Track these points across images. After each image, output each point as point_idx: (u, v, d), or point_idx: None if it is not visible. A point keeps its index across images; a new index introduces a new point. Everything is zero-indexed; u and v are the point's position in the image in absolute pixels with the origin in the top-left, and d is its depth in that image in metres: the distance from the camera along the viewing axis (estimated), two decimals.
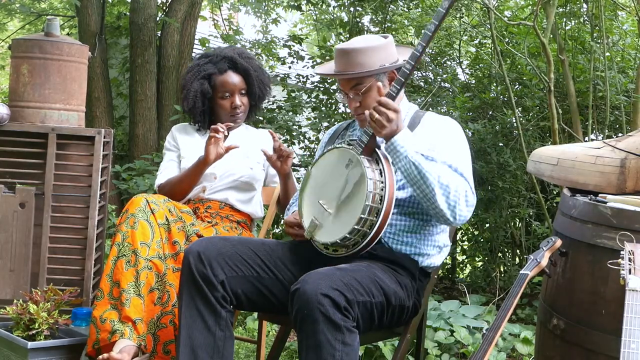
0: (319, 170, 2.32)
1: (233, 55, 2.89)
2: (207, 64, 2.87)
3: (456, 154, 2.26)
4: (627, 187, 2.23)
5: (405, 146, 2.13)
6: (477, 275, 5.16)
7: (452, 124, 2.37)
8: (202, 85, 2.84)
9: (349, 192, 2.18)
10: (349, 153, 2.22)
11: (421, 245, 2.29)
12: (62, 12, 7.44)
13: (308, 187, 2.33)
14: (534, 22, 3.94)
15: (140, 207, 2.53)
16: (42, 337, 2.48)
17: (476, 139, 4.82)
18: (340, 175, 2.21)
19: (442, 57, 5.79)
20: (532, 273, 2.08)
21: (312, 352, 1.96)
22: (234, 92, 2.85)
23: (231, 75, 2.86)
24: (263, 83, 2.93)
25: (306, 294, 1.95)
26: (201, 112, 2.87)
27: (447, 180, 2.13)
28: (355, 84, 2.29)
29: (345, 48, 2.29)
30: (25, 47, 2.98)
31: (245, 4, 6.92)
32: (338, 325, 1.95)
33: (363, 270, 2.11)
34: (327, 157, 2.31)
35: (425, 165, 2.12)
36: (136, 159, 5.42)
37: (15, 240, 2.88)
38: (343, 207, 2.19)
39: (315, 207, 2.26)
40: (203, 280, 2.18)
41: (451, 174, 2.17)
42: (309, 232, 2.24)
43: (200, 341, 2.18)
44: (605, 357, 1.98)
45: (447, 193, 2.13)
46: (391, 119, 2.11)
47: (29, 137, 2.93)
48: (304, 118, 6.12)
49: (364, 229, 2.12)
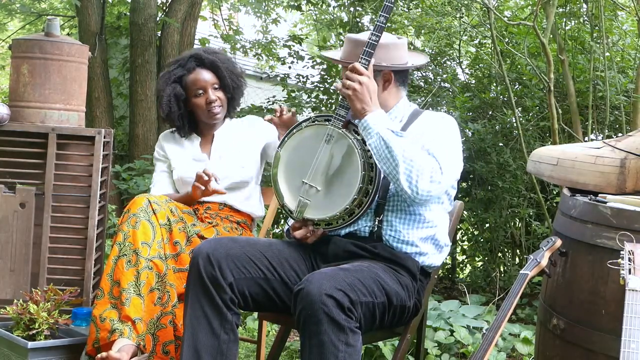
0: (289, 151, 2.34)
1: (198, 52, 2.88)
2: (177, 69, 2.85)
3: (439, 142, 2.24)
4: (627, 187, 2.23)
5: (377, 123, 2.16)
6: (477, 275, 5.16)
7: (447, 120, 2.36)
8: (174, 89, 2.81)
9: (337, 166, 2.23)
10: (326, 129, 2.26)
11: (422, 244, 2.29)
12: (62, 12, 7.43)
13: (281, 170, 2.34)
14: (534, 22, 3.94)
15: (142, 207, 2.54)
16: (42, 337, 2.48)
17: (476, 139, 4.82)
18: (322, 152, 2.25)
19: (442, 57, 5.79)
20: (532, 273, 2.08)
21: (315, 353, 1.96)
22: (207, 88, 2.82)
23: (200, 72, 2.83)
24: (234, 74, 2.90)
25: (310, 294, 1.95)
26: (178, 115, 2.84)
27: (411, 155, 2.12)
28: None
29: (353, 37, 2.35)
30: (26, 47, 2.98)
31: (245, 4, 6.92)
32: (341, 326, 1.95)
33: (365, 271, 2.12)
34: (297, 137, 2.33)
35: (393, 140, 2.14)
36: (136, 159, 5.41)
37: (15, 240, 2.88)
38: (335, 181, 2.23)
39: (297, 187, 2.29)
40: (211, 282, 2.18)
41: (420, 151, 2.16)
42: (299, 213, 2.27)
43: (205, 343, 2.17)
44: (605, 357, 1.98)
45: (409, 167, 2.11)
46: (362, 83, 2.16)
47: (29, 137, 2.93)
48: (304, 118, 6.11)
49: (360, 197, 2.18)
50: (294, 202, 2.29)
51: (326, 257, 2.30)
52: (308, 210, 2.26)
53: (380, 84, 2.32)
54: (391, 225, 2.27)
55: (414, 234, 2.28)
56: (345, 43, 2.37)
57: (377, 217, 2.26)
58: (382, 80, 2.33)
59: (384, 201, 2.26)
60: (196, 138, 2.91)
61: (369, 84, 2.19)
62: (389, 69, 2.32)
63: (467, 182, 5.15)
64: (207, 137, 2.92)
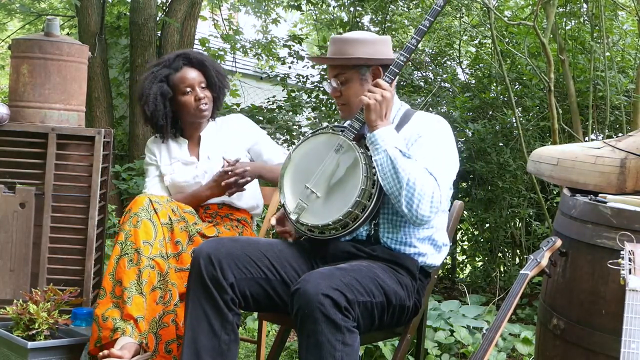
0: (301, 154, 2.35)
1: (184, 52, 2.89)
2: (162, 69, 2.83)
3: (435, 155, 2.23)
4: (627, 187, 2.22)
5: (385, 140, 2.16)
6: (477, 275, 5.16)
7: (440, 124, 2.34)
8: (161, 87, 2.79)
9: (340, 176, 2.22)
10: (338, 138, 2.26)
11: (420, 245, 2.29)
12: (62, 12, 7.43)
13: (289, 170, 2.35)
14: (534, 22, 3.94)
15: (143, 206, 2.54)
16: (42, 337, 2.48)
17: (476, 139, 4.82)
18: (329, 160, 2.25)
19: (442, 57, 5.80)
20: (532, 273, 2.08)
21: (312, 352, 1.96)
22: (194, 86, 2.81)
23: (188, 71, 2.82)
24: (220, 74, 2.90)
25: (307, 293, 1.95)
26: (163, 115, 2.81)
27: (415, 178, 2.12)
28: (338, 73, 2.32)
29: (337, 37, 2.37)
30: (25, 47, 2.98)
31: (245, 4, 6.92)
32: (338, 326, 1.95)
33: (363, 270, 2.12)
34: (312, 142, 2.34)
35: (399, 160, 2.13)
36: (136, 159, 5.41)
37: (15, 240, 2.87)
38: (335, 190, 2.22)
39: (300, 190, 2.29)
40: (212, 283, 2.17)
41: (423, 175, 2.15)
42: (295, 214, 2.26)
43: (205, 344, 2.17)
44: (605, 357, 1.98)
45: (411, 191, 2.11)
46: (384, 97, 2.17)
47: (29, 137, 2.93)
48: (304, 118, 6.12)
49: (356, 211, 2.17)
50: (293, 203, 2.29)
51: (325, 259, 2.30)
52: (304, 215, 2.26)
53: (369, 81, 2.32)
54: (388, 228, 2.27)
55: (412, 235, 2.28)
56: (330, 44, 2.37)
57: (374, 220, 2.26)
58: (372, 76, 2.33)
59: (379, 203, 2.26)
60: (183, 142, 2.90)
61: (389, 100, 2.20)
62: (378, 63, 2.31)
63: (467, 182, 5.15)
64: (194, 139, 2.91)
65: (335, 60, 2.32)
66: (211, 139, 2.89)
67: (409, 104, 4.91)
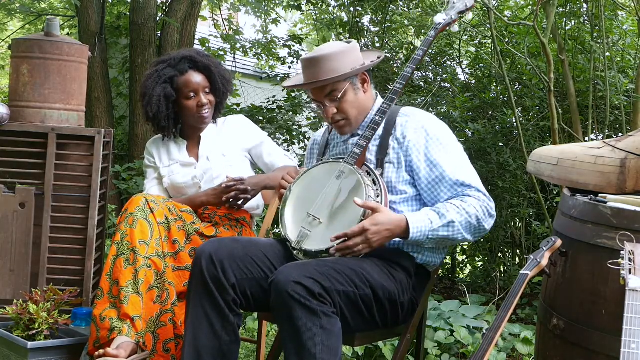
0: (301, 187, 2.33)
1: (191, 54, 2.85)
2: (167, 68, 2.81)
3: (456, 161, 2.26)
4: (627, 187, 2.22)
5: (419, 231, 2.16)
6: (477, 275, 5.16)
7: (434, 126, 2.31)
8: (165, 89, 2.78)
9: (343, 200, 2.21)
10: (339, 166, 2.25)
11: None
12: (62, 12, 7.44)
13: (289, 205, 2.31)
14: (534, 22, 3.94)
15: (139, 206, 2.54)
16: (42, 337, 2.48)
17: (476, 139, 4.82)
18: (331, 187, 2.24)
19: (442, 57, 5.79)
20: (532, 273, 2.08)
21: (292, 339, 1.97)
22: (199, 91, 2.80)
23: (193, 75, 2.81)
24: (225, 79, 2.89)
25: (279, 283, 1.97)
26: (166, 116, 2.81)
27: (464, 220, 2.18)
28: (331, 91, 2.29)
29: (313, 57, 2.28)
30: (25, 47, 2.98)
31: (245, 4, 6.92)
32: (314, 310, 1.95)
33: (348, 263, 2.11)
34: (312, 174, 2.33)
35: (442, 230, 2.18)
36: (136, 159, 5.42)
37: (15, 240, 2.88)
38: (338, 214, 2.20)
39: (302, 218, 2.26)
40: (214, 283, 2.17)
41: (460, 209, 2.18)
42: (297, 243, 2.23)
43: (206, 345, 2.16)
44: (605, 357, 1.98)
45: (469, 231, 2.21)
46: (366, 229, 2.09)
47: (29, 137, 2.93)
48: (304, 118, 6.12)
49: None
50: (295, 232, 2.26)
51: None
52: (307, 242, 2.22)
53: (360, 88, 2.32)
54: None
55: None
56: (303, 66, 2.31)
57: None
58: (361, 82, 2.33)
59: None
60: (183, 142, 2.90)
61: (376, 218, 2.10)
62: (365, 69, 2.31)
63: None
64: (194, 140, 2.91)
65: (327, 80, 2.26)
66: (211, 140, 2.89)
67: (409, 104, 4.93)
